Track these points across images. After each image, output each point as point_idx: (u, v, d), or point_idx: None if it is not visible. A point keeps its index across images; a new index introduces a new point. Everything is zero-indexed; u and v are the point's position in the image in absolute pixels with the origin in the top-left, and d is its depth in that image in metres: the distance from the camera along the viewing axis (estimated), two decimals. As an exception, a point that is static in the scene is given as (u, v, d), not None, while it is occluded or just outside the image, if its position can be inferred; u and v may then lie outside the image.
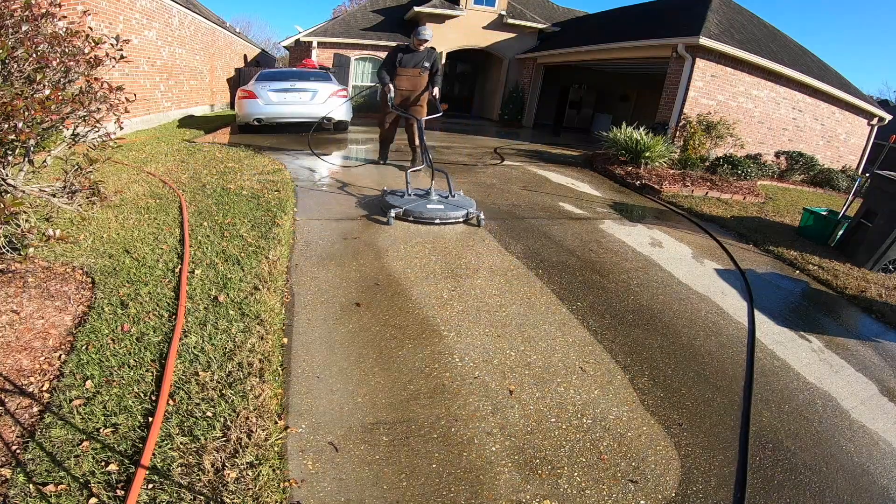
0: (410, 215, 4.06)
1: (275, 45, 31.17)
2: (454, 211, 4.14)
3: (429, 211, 4.06)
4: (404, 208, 4.07)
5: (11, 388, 1.82)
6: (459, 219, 4.18)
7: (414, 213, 4.05)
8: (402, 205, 4.11)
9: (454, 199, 4.41)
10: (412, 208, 4.06)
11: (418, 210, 4.05)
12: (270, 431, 1.74)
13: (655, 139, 7.57)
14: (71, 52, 2.82)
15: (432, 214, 4.05)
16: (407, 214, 4.07)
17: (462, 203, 4.33)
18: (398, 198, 4.30)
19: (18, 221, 2.56)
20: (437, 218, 4.06)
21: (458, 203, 4.32)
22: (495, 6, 14.75)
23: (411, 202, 4.17)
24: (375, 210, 4.32)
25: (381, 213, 4.22)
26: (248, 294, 2.62)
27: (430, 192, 4.41)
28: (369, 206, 4.43)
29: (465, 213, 4.18)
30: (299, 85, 8.26)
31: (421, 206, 4.09)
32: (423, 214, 4.04)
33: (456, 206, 4.21)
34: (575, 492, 1.68)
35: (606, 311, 3.00)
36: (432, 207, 4.11)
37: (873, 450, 2.11)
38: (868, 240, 4.47)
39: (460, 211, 4.16)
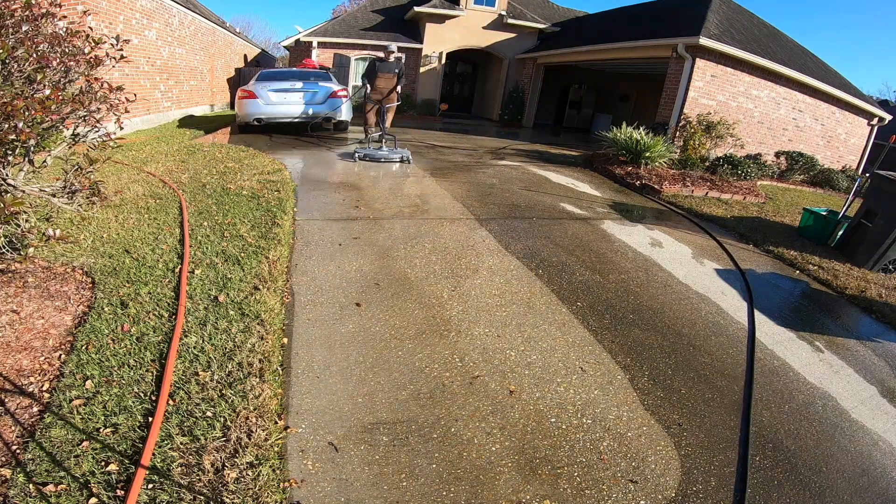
0: (368, 158, 6.71)
1: (275, 45, 31.18)
2: (393, 155, 6.81)
3: (379, 157, 6.75)
4: (364, 153, 6.74)
5: (11, 388, 1.82)
6: (396, 159, 6.81)
7: (371, 157, 6.72)
8: (362, 152, 6.77)
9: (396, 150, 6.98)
10: (369, 153, 6.76)
11: (373, 155, 6.74)
12: (270, 431, 1.74)
13: (655, 139, 7.57)
14: (71, 52, 2.82)
15: (380, 157, 6.76)
16: (366, 157, 6.71)
17: (399, 152, 6.91)
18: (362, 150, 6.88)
19: (18, 221, 2.56)
20: (383, 158, 6.75)
21: (397, 152, 6.90)
22: (495, 6, 14.74)
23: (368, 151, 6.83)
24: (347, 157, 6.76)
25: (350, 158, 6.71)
26: (248, 294, 2.62)
27: (382, 148, 7.01)
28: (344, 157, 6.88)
29: (399, 157, 6.83)
30: (299, 85, 8.26)
31: (375, 154, 6.76)
32: (375, 157, 6.73)
33: (395, 153, 6.85)
34: (575, 492, 1.68)
35: (606, 311, 3.00)
36: (381, 155, 6.78)
37: (873, 450, 2.11)
38: (868, 240, 4.47)
39: (397, 155, 6.83)
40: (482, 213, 4.68)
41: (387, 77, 7.83)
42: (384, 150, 6.83)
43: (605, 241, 4.30)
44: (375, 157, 6.68)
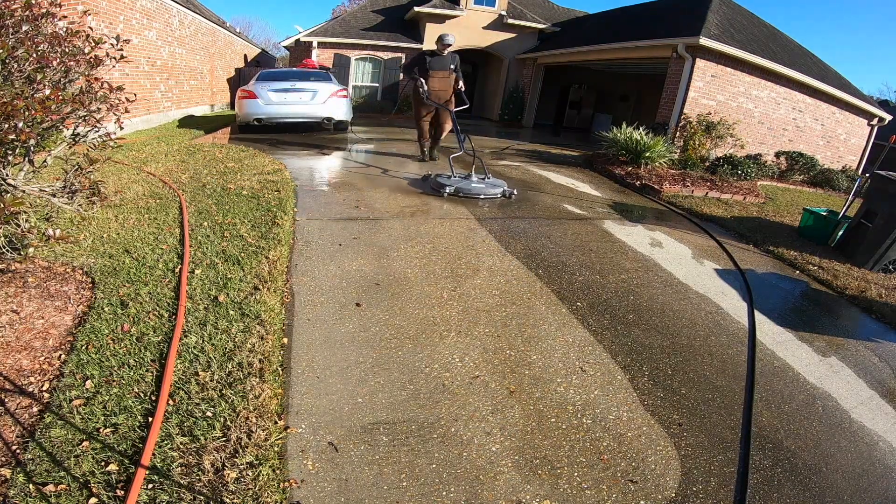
0: (460, 192, 5.00)
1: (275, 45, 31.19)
2: (492, 189, 5.12)
3: (475, 190, 5.02)
4: (455, 186, 5.00)
5: (11, 388, 1.82)
6: (497, 195, 5.14)
7: (463, 190, 4.99)
8: (453, 184, 5.04)
9: (490, 180, 5.38)
10: (461, 186, 5.01)
11: (467, 188, 5.00)
12: (270, 431, 1.74)
13: (655, 139, 7.57)
14: (71, 52, 2.82)
15: (478, 193, 5.02)
16: (457, 192, 5.00)
17: (497, 183, 5.32)
18: (447, 178, 5.24)
19: (18, 221, 2.56)
20: (482, 194, 5.02)
21: (493, 183, 5.26)
22: (495, 6, 14.74)
23: (459, 182, 5.12)
24: (425, 188, 5.31)
25: (432, 191, 5.15)
26: (248, 294, 2.62)
27: (471, 175, 5.35)
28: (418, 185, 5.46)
29: (501, 191, 5.16)
30: (299, 85, 8.26)
31: (467, 185, 5.04)
32: (471, 192, 5.01)
33: (493, 185, 5.18)
34: (575, 492, 1.68)
35: (606, 311, 3.00)
36: (476, 187, 5.06)
37: (873, 450, 2.11)
38: (868, 240, 4.46)
39: (497, 189, 5.14)
40: (482, 214, 4.68)
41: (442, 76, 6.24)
42: (477, 182, 5.18)
43: (606, 241, 4.30)
44: (470, 192, 4.98)
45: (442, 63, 6.19)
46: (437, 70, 6.18)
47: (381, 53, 15.15)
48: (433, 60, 6.15)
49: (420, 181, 5.57)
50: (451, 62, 6.24)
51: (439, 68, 6.19)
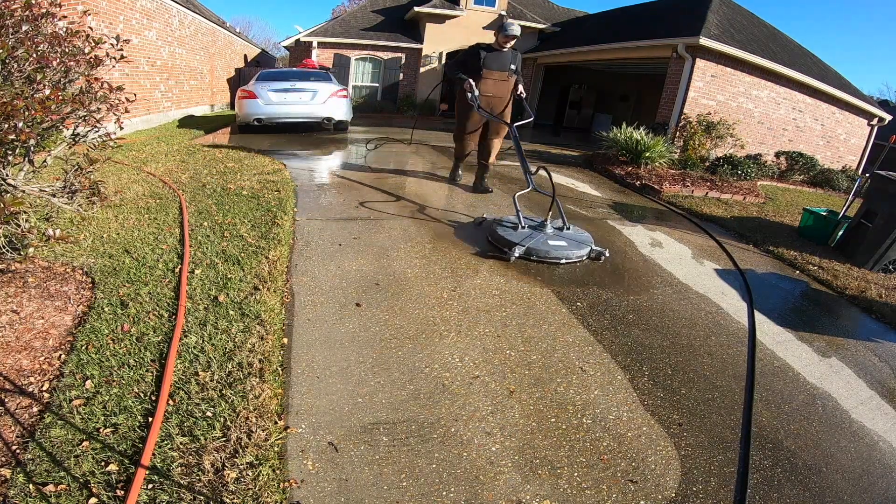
0: (534, 254, 3.51)
1: (275, 45, 31.19)
2: (578, 249, 3.61)
3: (554, 250, 3.54)
4: (527, 247, 3.51)
5: (11, 388, 1.82)
6: (583, 258, 3.66)
7: (538, 251, 3.51)
8: (523, 241, 3.56)
9: (569, 231, 3.88)
10: (535, 246, 3.52)
11: (543, 249, 3.52)
12: (270, 431, 1.74)
13: (655, 139, 7.57)
14: (71, 52, 2.82)
15: (558, 255, 3.52)
16: (530, 253, 3.51)
17: (580, 238, 3.81)
18: (510, 230, 3.75)
19: (18, 221, 2.56)
20: (563, 258, 3.54)
21: (576, 237, 3.79)
22: (495, 6, 14.75)
23: (530, 238, 3.63)
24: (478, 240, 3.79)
25: (490, 246, 3.71)
26: (248, 294, 2.62)
27: (546, 224, 3.85)
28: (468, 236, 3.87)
29: (587, 251, 3.67)
30: (299, 85, 8.26)
31: (543, 244, 3.58)
32: (549, 254, 3.51)
33: (578, 243, 3.68)
34: (575, 492, 1.68)
35: (606, 311, 3.00)
36: (556, 245, 3.59)
37: (873, 450, 2.11)
38: (868, 240, 4.46)
39: (584, 248, 3.64)
40: (482, 214, 4.68)
41: (499, 78, 4.75)
42: (554, 235, 3.76)
43: (606, 241, 4.30)
44: (548, 256, 3.53)
45: (501, 61, 4.69)
46: (493, 70, 4.68)
47: (381, 53, 15.16)
48: (490, 57, 4.67)
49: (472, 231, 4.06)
50: (513, 61, 4.77)
51: (497, 68, 4.68)
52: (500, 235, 3.68)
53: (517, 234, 3.70)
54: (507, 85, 4.81)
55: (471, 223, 4.25)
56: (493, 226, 3.87)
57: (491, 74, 4.70)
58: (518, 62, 4.86)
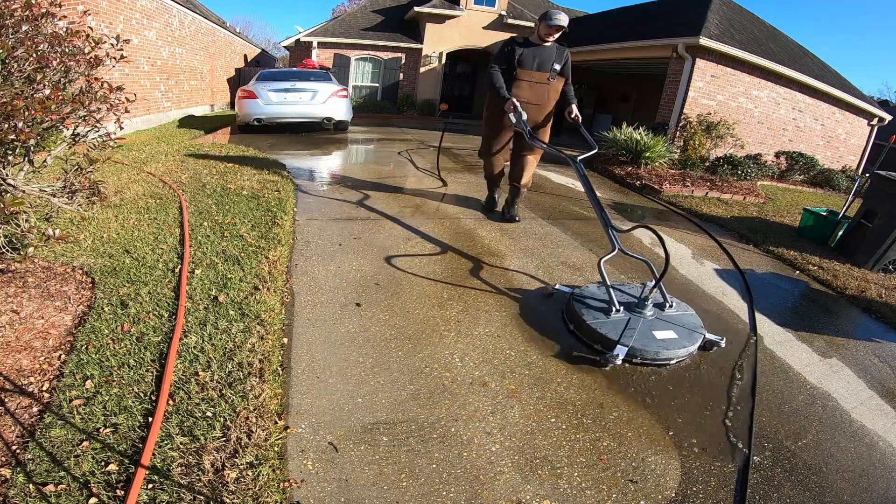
0: (637, 355, 2.45)
1: (275, 45, 31.18)
2: (690, 342, 2.56)
3: (665, 348, 2.47)
4: (630, 345, 2.43)
5: (11, 388, 1.82)
6: (693, 352, 2.61)
7: (645, 353, 2.44)
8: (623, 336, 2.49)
9: (672, 309, 2.81)
10: (640, 346, 2.45)
11: (652, 349, 2.45)
12: (270, 431, 1.74)
13: (655, 139, 7.57)
14: (71, 52, 2.82)
15: (669, 355, 2.47)
16: (633, 354, 2.44)
17: (690, 322, 2.73)
18: (601, 316, 2.66)
19: (18, 221, 2.56)
20: (675, 358, 2.51)
21: (684, 322, 2.72)
22: (495, 6, 14.75)
23: (630, 329, 2.56)
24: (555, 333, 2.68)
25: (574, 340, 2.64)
26: (248, 294, 2.62)
27: (647, 302, 2.75)
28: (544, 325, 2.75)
29: (702, 340, 2.63)
30: (299, 85, 8.26)
31: (651, 340, 2.50)
32: (659, 355, 2.46)
33: (688, 332, 2.63)
34: (575, 492, 1.68)
35: (606, 312, 2.99)
36: (665, 339, 2.54)
37: (873, 450, 2.11)
38: (868, 240, 4.46)
39: (696, 340, 2.60)
40: (482, 214, 4.68)
41: (538, 80, 3.81)
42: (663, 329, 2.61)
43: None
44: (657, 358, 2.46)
45: (541, 59, 3.76)
46: (530, 70, 3.76)
47: (381, 53, 15.16)
48: (526, 53, 3.74)
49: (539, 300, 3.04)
50: (558, 59, 3.81)
51: (535, 67, 3.76)
52: (590, 326, 2.58)
53: (611, 320, 2.63)
54: (546, 89, 3.83)
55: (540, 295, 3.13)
56: (575, 306, 2.74)
57: (527, 75, 3.77)
58: (565, 62, 3.86)
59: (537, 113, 3.92)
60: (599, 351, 2.51)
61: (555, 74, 3.82)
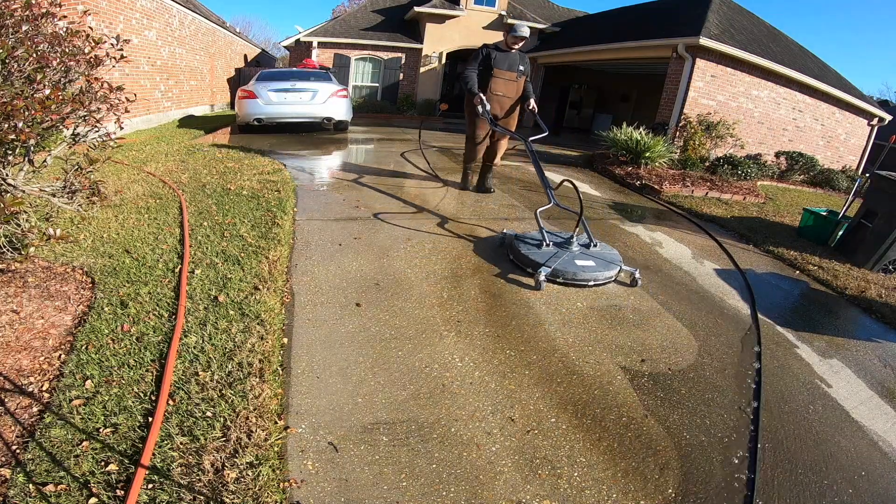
0: (560, 276, 3.21)
1: (275, 45, 31.15)
2: (607, 269, 3.31)
3: (582, 271, 3.24)
4: (553, 267, 3.21)
5: (11, 388, 1.82)
6: (612, 279, 3.37)
7: (565, 273, 3.21)
8: (549, 262, 3.25)
9: (596, 248, 3.59)
10: (562, 268, 3.21)
11: (571, 270, 3.21)
12: (270, 431, 1.74)
13: (655, 139, 7.57)
14: (71, 52, 2.82)
15: (586, 276, 3.23)
16: (556, 275, 3.21)
17: (610, 256, 3.53)
18: (534, 248, 3.46)
19: (18, 221, 2.56)
20: (592, 280, 3.25)
21: (604, 256, 3.50)
22: (495, 6, 14.75)
23: (556, 258, 3.33)
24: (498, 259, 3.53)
25: (511, 265, 3.45)
26: (248, 294, 2.62)
27: (572, 241, 3.53)
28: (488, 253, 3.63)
29: (617, 270, 3.37)
30: (299, 85, 8.26)
31: (571, 265, 3.26)
32: (577, 276, 3.21)
33: (606, 262, 3.39)
34: (575, 492, 1.68)
35: (606, 311, 2.99)
36: (584, 265, 3.30)
37: (873, 451, 2.11)
38: (868, 240, 4.46)
39: (612, 269, 3.33)
40: (482, 213, 4.68)
41: (509, 78, 4.72)
42: (581, 254, 3.45)
43: (606, 241, 4.30)
44: (576, 278, 3.24)
45: (509, 61, 4.67)
46: (502, 70, 4.67)
47: (381, 53, 15.15)
48: (500, 56, 4.66)
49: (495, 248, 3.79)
50: (521, 62, 4.78)
51: (506, 68, 4.67)
52: (523, 255, 3.36)
53: (541, 252, 3.39)
54: (516, 85, 4.78)
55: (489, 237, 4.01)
56: (516, 243, 3.54)
57: (501, 74, 4.69)
58: (527, 65, 4.86)
59: (509, 103, 4.85)
60: (530, 273, 3.26)
61: (521, 74, 4.78)
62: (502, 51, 4.73)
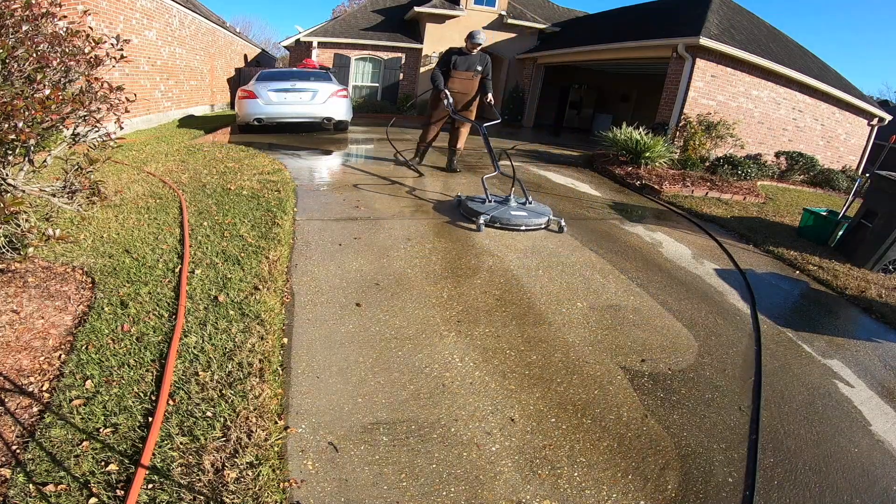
0: (497, 222, 4.18)
1: (275, 45, 31.16)
2: (536, 218, 4.28)
3: (515, 218, 4.20)
4: (491, 215, 4.15)
5: (11, 388, 1.82)
6: (541, 225, 4.29)
7: (501, 219, 4.18)
8: (488, 211, 4.18)
9: (532, 205, 4.50)
10: (498, 215, 4.17)
11: (505, 217, 4.18)
12: (270, 431, 1.74)
13: (655, 139, 7.57)
14: (71, 52, 2.82)
15: (518, 221, 4.20)
16: (494, 221, 4.18)
17: (540, 210, 4.43)
18: (479, 204, 4.40)
19: (18, 221, 2.56)
20: (523, 225, 4.20)
21: (536, 210, 4.42)
22: (495, 6, 14.75)
23: (495, 209, 4.26)
24: (454, 215, 4.47)
25: (462, 218, 4.37)
26: (248, 294, 2.62)
27: (510, 199, 4.48)
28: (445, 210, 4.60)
29: (546, 220, 4.32)
30: (299, 85, 8.26)
31: (506, 213, 4.21)
32: (511, 221, 4.18)
33: (537, 213, 4.32)
34: (575, 492, 1.68)
35: (606, 311, 3.00)
36: (517, 214, 4.25)
37: (873, 450, 2.11)
38: (868, 240, 4.46)
39: (542, 218, 4.29)
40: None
41: (466, 77, 5.70)
42: (517, 208, 4.36)
43: (606, 241, 4.30)
44: (510, 223, 4.16)
45: (468, 63, 5.65)
46: (460, 70, 5.65)
47: (381, 53, 15.16)
48: (459, 60, 5.65)
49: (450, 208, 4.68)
50: (479, 62, 5.69)
51: (464, 69, 5.67)
52: (470, 207, 4.35)
53: (485, 206, 4.33)
54: (472, 83, 5.75)
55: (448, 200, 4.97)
56: (466, 201, 4.52)
57: (459, 74, 5.68)
58: (485, 64, 5.68)
59: (464, 98, 5.84)
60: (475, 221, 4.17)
61: (476, 73, 5.72)
62: (463, 54, 5.66)
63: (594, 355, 2.52)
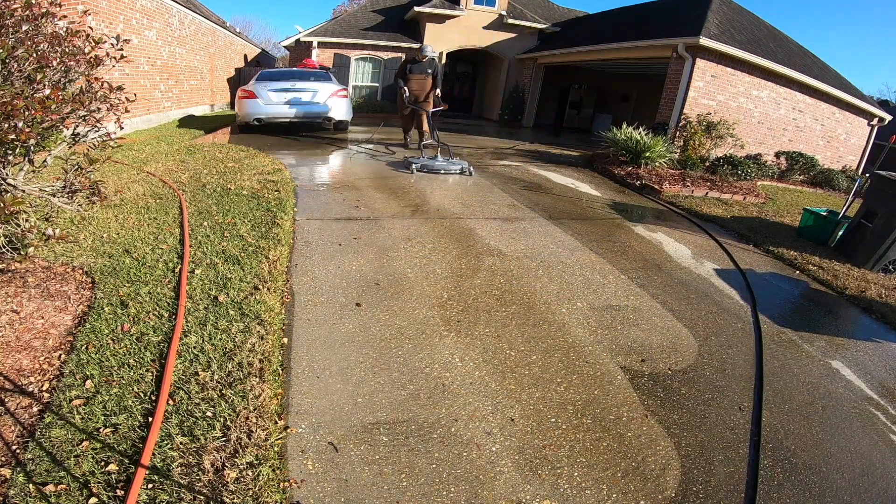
0: (425, 168, 6.21)
1: (275, 45, 31.15)
2: (454, 166, 6.29)
3: (437, 166, 6.23)
4: (421, 163, 6.21)
5: (11, 388, 1.82)
6: (457, 171, 6.28)
7: (428, 166, 6.21)
8: (419, 162, 6.24)
9: (453, 161, 6.48)
10: (427, 164, 6.24)
11: (430, 165, 6.22)
12: (270, 431, 1.74)
13: (655, 139, 7.57)
14: (71, 52, 2.82)
15: (439, 168, 6.23)
16: (423, 168, 6.20)
17: (458, 163, 6.43)
18: (417, 159, 6.38)
19: (18, 221, 2.56)
20: (442, 170, 6.22)
21: (455, 162, 6.41)
22: (495, 6, 14.73)
23: (426, 161, 6.34)
24: (401, 167, 6.38)
25: (405, 168, 6.27)
26: (248, 294, 2.62)
27: (437, 157, 6.50)
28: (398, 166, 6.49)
29: (460, 168, 6.31)
30: (299, 85, 8.25)
31: (432, 163, 6.26)
32: (433, 168, 6.21)
33: (454, 164, 6.34)
34: (575, 492, 1.68)
35: (606, 311, 3.00)
36: (439, 165, 6.26)
37: (874, 451, 2.11)
38: (868, 240, 4.46)
39: (457, 166, 6.31)
40: (482, 214, 4.68)
41: (419, 79, 7.54)
42: (441, 161, 6.32)
43: (606, 241, 4.30)
44: (433, 169, 6.17)
45: (420, 68, 7.51)
46: (415, 74, 7.48)
47: (381, 53, 15.14)
48: (414, 66, 7.47)
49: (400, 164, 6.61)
50: (429, 67, 7.50)
51: (418, 73, 7.49)
52: (408, 161, 6.38)
53: (418, 160, 6.33)
54: (425, 82, 7.55)
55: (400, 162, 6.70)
56: (407, 158, 6.53)
57: (413, 77, 7.48)
58: (434, 67, 7.55)
59: (421, 93, 7.61)
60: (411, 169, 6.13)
61: (427, 75, 7.53)
62: (417, 62, 7.49)
63: (594, 355, 2.52)
